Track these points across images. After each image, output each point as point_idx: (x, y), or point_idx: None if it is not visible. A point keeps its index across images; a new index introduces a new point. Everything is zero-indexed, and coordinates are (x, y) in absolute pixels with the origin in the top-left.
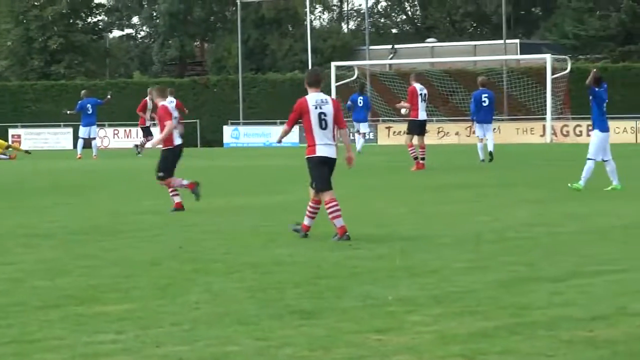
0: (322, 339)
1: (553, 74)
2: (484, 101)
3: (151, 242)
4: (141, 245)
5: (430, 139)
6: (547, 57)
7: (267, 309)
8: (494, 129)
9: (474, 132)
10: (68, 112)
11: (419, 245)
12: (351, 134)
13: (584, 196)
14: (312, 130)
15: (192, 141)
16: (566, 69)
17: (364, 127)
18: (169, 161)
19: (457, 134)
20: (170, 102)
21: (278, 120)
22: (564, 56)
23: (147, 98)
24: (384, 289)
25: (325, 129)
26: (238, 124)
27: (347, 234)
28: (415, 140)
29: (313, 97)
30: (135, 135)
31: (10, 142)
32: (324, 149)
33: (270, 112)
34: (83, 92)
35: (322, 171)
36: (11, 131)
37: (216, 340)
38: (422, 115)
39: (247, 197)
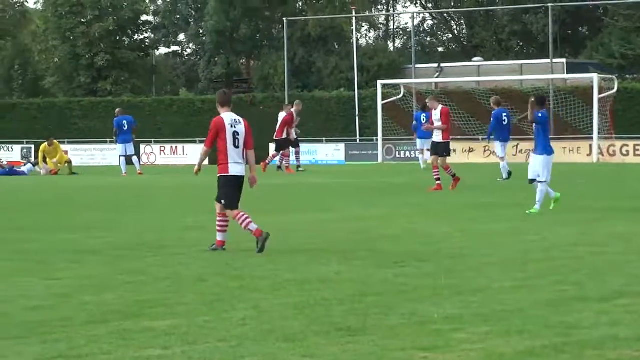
0: (368, 356)
1: (600, 93)
2: (504, 120)
3: (197, 258)
4: (187, 261)
5: (476, 157)
6: (594, 77)
7: (313, 326)
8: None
9: (493, 152)
10: (114, 137)
11: (465, 263)
12: (414, 152)
13: (630, 217)
14: (227, 149)
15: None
16: (613, 88)
17: (427, 144)
18: None
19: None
20: (281, 115)
21: (324, 138)
22: (610, 76)
23: (293, 110)
24: (430, 306)
25: (237, 147)
26: None
27: (264, 233)
28: (433, 160)
29: (228, 116)
30: (181, 152)
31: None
32: (236, 167)
33: (316, 130)
34: (117, 110)
35: (231, 190)
36: None
37: (262, 356)
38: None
39: (293, 214)
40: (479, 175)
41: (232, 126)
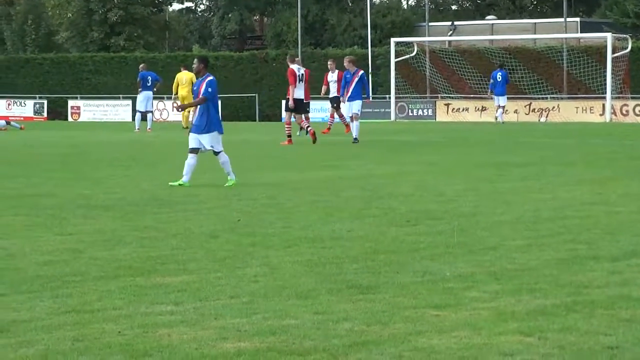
0: (379, 313)
1: (613, 52)
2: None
3: (209, 214)
4: (199, 218)
5: (489, 116)
6: (608, 36)
7: (325, 283)
8: (554, 107)
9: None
10: (139, 89)
11: (478, 222)
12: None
13: None
14: None
15: (251, 115)
16: (627, 48)
17: (502, 100)
18: None
19: (515, 111)
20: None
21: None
22: (624, 35)
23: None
24: (442, 265)
25: None
26: None
27: None
28: (287, 116)
29: None
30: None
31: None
32: None
33: None
34: (142, 65)
35: None
36: (70, 102)
37: (274, 313)
38: (298, 94)
39: (305, 171)
40: (490, 133)
41: None
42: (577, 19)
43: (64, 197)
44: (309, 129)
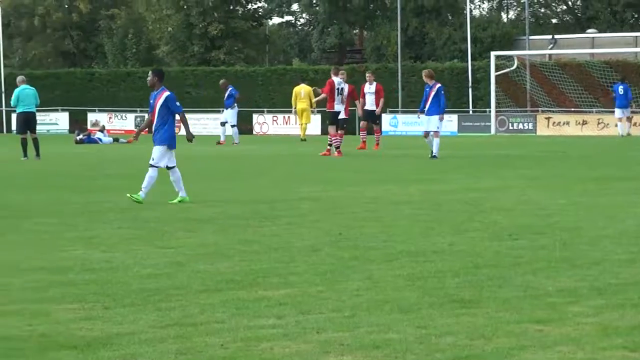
0: (482, 328)
1: None
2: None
3: (310, 228)
4: (300, 231)
5: (590, 130)
6: None
7: (427, 297)
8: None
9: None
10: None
11: (580, 236)
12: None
13: None
14: None
15: (351, 129)
16: None
17: (626, 113)
18: None
19: (617, 125)
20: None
21: None
22: None
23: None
24: (545, 279)
25: None
26: (397, 112)
27: None
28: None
29: None
30: (294, 122)
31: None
32: None
33: None
34: (223, 81)
35: None
36: None
37: (377, 327)
38: (337, 107)
39: (404, 185)
40: (593, 147)
41: None
42: None
43: (165, 210)
44: (337, 146)
